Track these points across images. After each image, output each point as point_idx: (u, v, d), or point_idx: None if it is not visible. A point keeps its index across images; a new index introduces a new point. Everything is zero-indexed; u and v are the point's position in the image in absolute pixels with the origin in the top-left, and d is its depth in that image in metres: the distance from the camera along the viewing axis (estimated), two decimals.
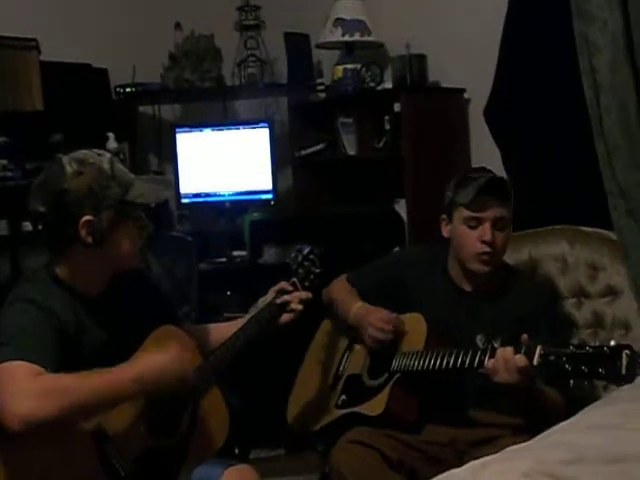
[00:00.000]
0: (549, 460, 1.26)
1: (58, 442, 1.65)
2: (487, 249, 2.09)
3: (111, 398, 1.67)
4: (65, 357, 1.69)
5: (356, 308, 2.23)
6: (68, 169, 1.73)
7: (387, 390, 2.07)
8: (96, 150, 1.81)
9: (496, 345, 1.91)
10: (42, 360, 1.64)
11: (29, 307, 1.71)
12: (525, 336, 1.83)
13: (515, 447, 1.44)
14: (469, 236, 2.11)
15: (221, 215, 3.68)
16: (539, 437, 1.50)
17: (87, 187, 1.72)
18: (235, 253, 3.53)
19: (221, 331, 2.06)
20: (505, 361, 1.82)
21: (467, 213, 2.10)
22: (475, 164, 3.36)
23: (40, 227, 1.79)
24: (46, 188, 1.75)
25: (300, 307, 2.02)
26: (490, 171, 2.21)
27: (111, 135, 3.51)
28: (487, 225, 2.08)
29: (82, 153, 1.78)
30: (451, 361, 1.96)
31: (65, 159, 1.76)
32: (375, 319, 2.15)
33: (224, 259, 3.50)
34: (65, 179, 1.73)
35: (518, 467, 1.23)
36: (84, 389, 1.62)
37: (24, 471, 1.65)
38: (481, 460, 1.34)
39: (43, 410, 1.56)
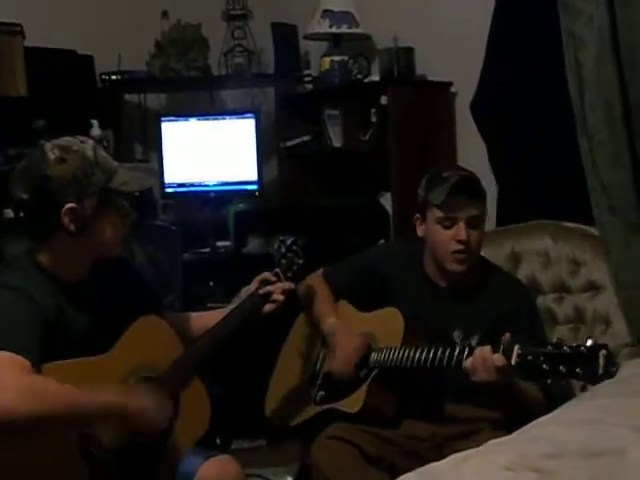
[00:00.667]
0: (530, 454, 1.27)
1: (41, 440, 1.63)
2: (462, 247, 2.09)
3: (87, 418, 1.67)
4: (47, 344, 1.68)
5: (328, 325, 2.21)
6: (51, 156, 1.72)
7: (365, 386, 2.07)
8: (79, 137, 1.80)
9: (473, 342, 1.92)
10: (24, 350, 1.63)
11: (12, 295, 1.70)
12: (507, 335, 1.83)
13: (496, 441, 1.45)
14: (443, 236, 2.10)
15: (206, 205, 3.66)
16: (520, 431, 1.50)
17: (70, 174, 1.71)
18: (219, 243, 3.51)
19: (203, 320, 2.06)
20: (483, 360, 1.82)
21: (440, 214, 2.10)
22: (461, 158, 3.37)
23: (22, 214, 1.77)
24: (28, 175, 1.74)
25: (282, 298, 2.02)
26: (463, 168, 2.21)
27: (95, 122, 3.48)
28: (461, 225, 2.08)
29: (65, 140, 1.77)
30: (429, 357, 1.96)
31: (48, 146, 1.75)
32: (340, 356, 2.13)
33: (208, 249, 3.48)
34: (48, 166, 1.71)
35: (499, 460, 1.24)
36: (65, 400, 1.62)
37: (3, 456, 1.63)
38: (462, 453, 1.34)
39: (21, 408, 1.55)
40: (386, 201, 3.37)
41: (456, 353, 1.91)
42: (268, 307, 2.03)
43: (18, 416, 1.55)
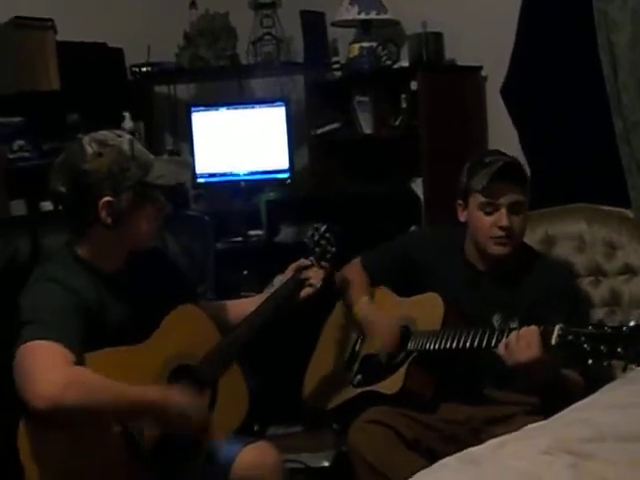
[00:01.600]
0: (568, 438, 1.27)
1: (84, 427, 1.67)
2: (503, 234, 2.08)
3: (127, 411, 1.69)
4: (88, 334, 1.71)
5: (360, 304, 2.23)
6: (88, 150, 1.74)
7: (404, 369, 2.08)
8: (116, 131, 1.82)
9: (513, 325, 1.91)
10: (69, 341, 1.66)
11: (54, 286, 1.73)
12: (552, 321, 1.81)
13: (533, 425, 1.45)
14: (485, 221, 2.09)
15: (237, 195, 3.68)
16: (557, 416, 1.50)
17: (107, 168, 1.73)
18: (251, 232, 3.53)
19: (239, 308, 2.08)
20: (524, 336, 1.81)
21: (482, 199, 2.08)
22: (492, 142, 3.35)
23: (60, 207, 1.80)
24: (66, 168, 1.76)
25: (319, 284, 2.02)
26: (504, 154, 2.18)
27: (127, 115, 3.52)
28: (503, 211, 2.06)
29: (102, 134, 1.79)
30: (468, 341, 1.96)
31: (85, 139, 1.77)
32: (378, 338, 2.15)
33: (240, 238, 3.51)
34: (85, 160, 1.74)
35: (537, 445, 1.24)
36: (108, 394, 1.65)
37: (50, 445, 1.67)
38: (500, 438, 1.35)
39: (67, 399, 1.58)
40: (417, 187, 3.36)
41: (495, 335, 1.90)
42: (304, 292, 2.03)
43: (63, 406, 1.58)
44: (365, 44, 3.51)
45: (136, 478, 1.74)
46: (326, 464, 2.89)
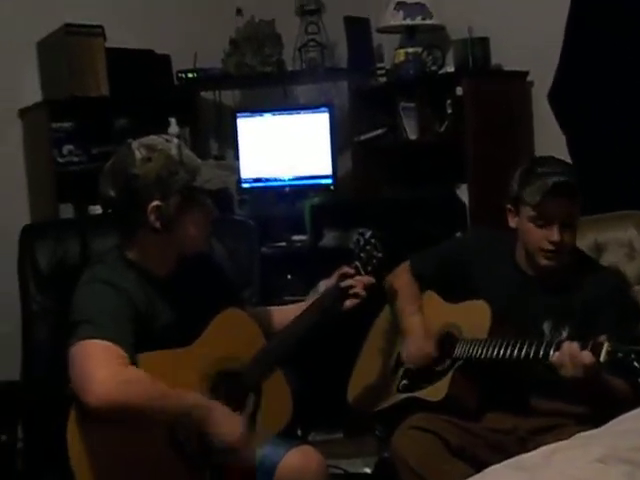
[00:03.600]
0: (622, 446, 1.24)
1: (133, 425, 1.70)
2: (553, 248, 2.04)
3: (173, 413, 1.70)
4: (137, 335, 1.74)
5: (408, 322, 2.22)
6: (137, 155, 1.77)
7: (449, 376, 2.06)
8: (164, 135, 1.85)
9: (563, 335, 1.87)
10: (122, 341, 1.69)
11: (106, 288, 1.76)
12: (602, 337, 1.79)
13: (585, 434, 1.42)
14: (536, 234, 2.05)
15: (281, 199, 3.70)
16: (609, 425, 1.47)
17: (156, 173, 1.75)
18: (295, 237, 3.55)
19: (284, 314, 2.08)
20: (571, 357, 1.79)
21: (533, 213, 2.04)
22: (538, 148, 3.31)
23: (110, 211, 1.83)
24: (116, 173, 1.79)
25: (364, 293, 2.00)
26: (558, 162, 2.13)
27: (173, 120, 3.56)
28: (555, 227, 2.02)
29: (151, 139, 1.81)
30: (515, 351, 1.93)
31: (135, 144, 1.79)
32: (413, 353, 2.16)
33: (284, 243, 3.52)
34: (135, 165, 1.76)
35: (591, 453, 1.22)
36: (156, 393, 1.67)
37: (97, 441, 1.70)
38: (551, 446, 1.33)
39: (120, 398, 1.62)
40: (462, 193, 3.34)
41: (543, 348, 1.88)
42: (349, 303, 2.00)
43: (115, 404, 1.61)
44: (410, 50, 3.51)
45: (178, 479, 1.75)
46: (367, 471, 2.89)
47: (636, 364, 1.66)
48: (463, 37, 3.33)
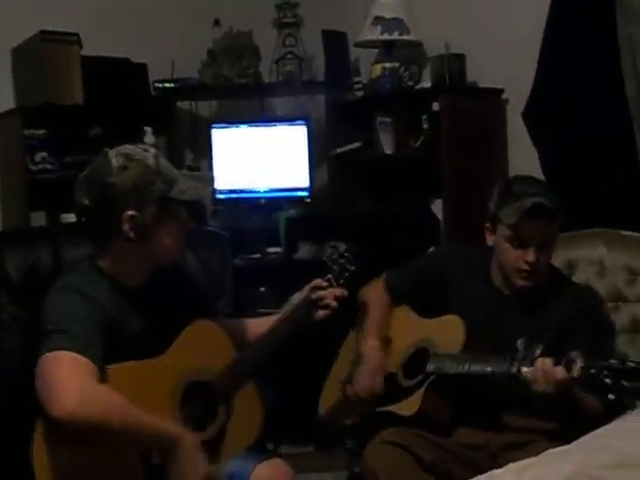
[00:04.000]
0: (592, 464, 1.25)
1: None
2: (528, 268, 2.05)
3: (139, 437, 1.68)
4: (106, 346, 1.72)
5: (366, 349, 2.20)
6: (114, 163, 1.75)
7: (421, 391, 2.06)
8: (141, 145, 1.83)
9: (537, 351, 1.88)
10: (91, 352, 1.67)
11: (77, 297, 1.74)
12: (575, 353, 1.80)
13: (555, 450, 1.43)
14: (512, 254, 2.06)
15: (256, 211, 3.69)
16: (579, 441, 1.48)
17: (132, 182, 1.74)
18: (270, 249, 3.54)
19: (256, 326, 2.07)
20: (544, 372, 1.80)
21: (510, 233, 2.04)
22: (513, 165, 3.34)
23: (84, 219, 1.81)
24: (92, 181, 1.77)
25: (335, 304, 2.01)
26: (536, 182, 2.15)
27: (148, 129, 3.54)
28: (531, 248, 2.03)
29: (128, 148, 1.80)
30: (487, 367, 1.94)
31: (112, 153, 1.78)
32: (362, 385, 2.14)
33: (258, 255, 3.51)
34: (111, 173, 1.74)
35: (560, 470, 1.22)
36: (122, 416, 1.64)
37: (62, 454, 1.68)
38: (522, 462, 1.33)
39: (82, 413, 1.59)
40: (437, 208, 3.36)
41: (516, 363, 1.88)
42: (320, 313, 2.01)
43: (78, 419, 1.59)
44: (387, 64, 3.53)
45: None
46: None
47: (607, 380, 1.67)
48: (440, 53, 3.35)
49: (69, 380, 1.60)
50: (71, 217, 3.09)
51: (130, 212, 1.74)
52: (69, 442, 1.66)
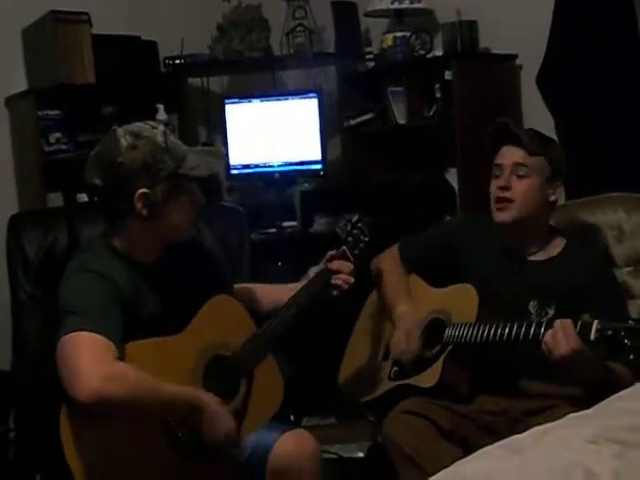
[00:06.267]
0: (614, 426, 1.25)
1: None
2: (501, 194, 2.07)
3: (163, 407, 1.70)
4: (125, 324, 1.73)
5: (399, 312, 2.20)
6: (123, 142, 1.75)
7: (440, 362, 2.06)
8: (150, 122, 1.82)
9: (550, 313, 1.88)
10: (111, 332, 1.67)
11: (93, 277, 1.74)
12: (590, 316, 1.80)
13: (577, 414, 1.43)
14: (493, 186, 2.11)
15: (270, 186, 3.69)
16: (601, 404, 1.48)
17: (142, 160, 1.74)
18: (285, 224, 3.54)
19: (273, 293, 2.08)
20: (565, 329, 1.79)
21: (493, 164, 2.13)
22: None
23: (96, 199, 1.81)
24: (102, 161, 1.77)
25: (351, 280, 2.00)
26: (539, 131, 2.20)
27: (160, 107, 3.54)
28: (506, 172, 2.08)
29: (136, 126, 1.79)
30: (505, 333, 1.94)
31: (120, 132, 1.77)
32: (401, 349, 2.14)
33: (274, 229, 3.52)
34: (120, 152, 1.74)
35: (582, 433, 1.22)
36: (145, 391, 1.66)
37: (89, 431, 1.69)
38: (543, 427, 1.33)
39: (106, 394, 1.60)
40: (452, 177, 3.35)
41: (533, 328, 1.88)
42: (337, 291, 2.00)
43: (102, 400, 1.59)
44: (398, 34, 3.50)
45: (173, 467, 1.75)
46: (360, 455, 2.90)
47: (627, 341, 1.66)
48: (451, 20, 3.32)
49: (89, 362, 1.61)
50: (86, 197, 3.14)
51: (142, 190, 1.74)
52: (95, 423, 1.67)
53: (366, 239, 2.07)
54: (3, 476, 2.05)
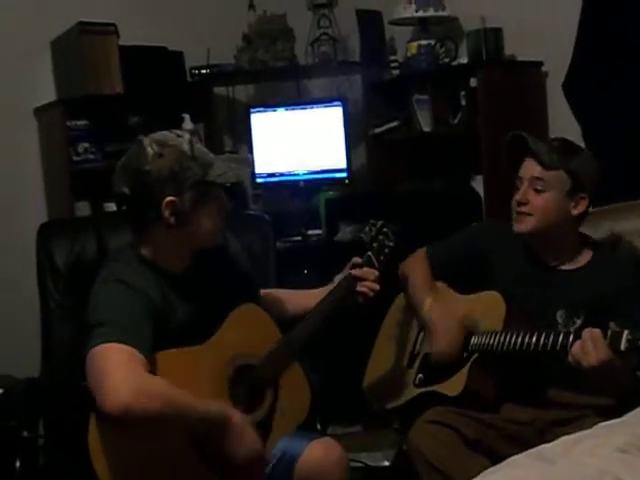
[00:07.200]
0: None
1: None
2: (517, 208, 2.07)
3: (193, 422, 1.69)
4: (154, 334, 1.73)
5: (426, 308, 2.19)
6: (149, 151, 1.76)
7: (466, 370, 2.05)
8: (176, 131, 1.83)
9: (578, 322, 1.86)
10: (140, 343, 1.67)
11: (122, 287, 1.75)
12: (612, 323, 1.78)
13: (606, 423, 1.41)
14: (513, 199, 2.12)
15: (296, 194, 3.70)
16: (631, 413, 1.46)
17: (168, 168, 1.75)
18: (310, 232, 3.55)
19: (299, 299, 2.08)
20: (594, 339, 1.78)
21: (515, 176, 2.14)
22: None
23: (124, 208, 1.82)
24: (129, 170, 1.78)
25: (377, 287, 1.99)
26: (565, 140, 2.18)
27: (187, 116, 3.57)
28: (525, 185, 2.08)
29: (162, 134, 1.80)
30: (532, 342, 1.92)
31: (146, 141, 1.78)
32: (440, 341, 2.12)
33: (299, 238, 3.52)
34: (147, 161, 1.75)
35: (613, 442, 1.21)
36: (175, 405, 1.65)
37: (117, 443, 1.69)
38: (572, 436, 1.32)
39: (136, 407, 1.58)
40: (478, 184, 3.33)
41: (561, 338, 1.87)
42: (362, 298, 1.99)
43: (132, 413, 1.58)
44: (423, 42, 3.50)
45: (201, 478, 1.75)
46: (386, 463, 2.89)
47: None
48: (476, 28, 3.31)
49: (118, 374, 1.60)
50: (114, 206, 3.16)
51: (169, 198, 1.75)
52: (123, 433, 1.67)
53: (391, 244, 2.06)
54: None
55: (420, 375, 2.19)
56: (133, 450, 1.69)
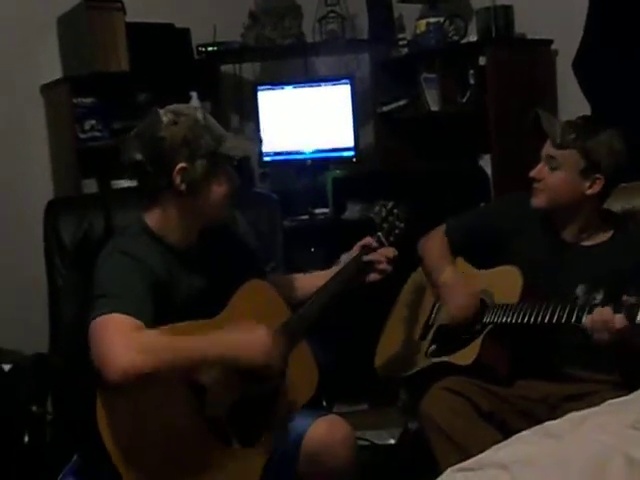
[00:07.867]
0: None
1: (156, 394, 1.68)
2: (534, 184, 2.09)
3: (197, 362, 1.70)
4: (157, 308, 1.73)
5: (445, 276, 2.19)
6: (164, 119, 1.78)
7: (479, 341, 2.05)
8: (188, 104, 1.84)
9: (598, 297, 1.85)
10: (140, 313, 1.67)
11: (124, 259, 1.75)
12: (626, 296, 1.78)
13: (617, 400, 1.41)
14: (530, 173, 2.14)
15: (303, 173, 3.69)
16: None
17: (182, 135, 1.76)
18: (317, 210, 3.54)
19: (307, 282, 2.08)
20: (603, 321, 1.78)
21: None
22: (563, 117, 3.26)
23: (135, 174, 1.83)
24: (143, 137, 1.79)
25: (389, 267, 1.99)
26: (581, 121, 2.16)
27: (194, 94, 3.55)
28: (541, 162, 2.10)
29: (177, 106, 1.83)
30: (547, 316, 1.92)
31: (161, 111, 1.80)
32: (460, 305, 2.13)
33: (307, 216, 3.52)
34: (161, 128, 1.76)
35: (623, 419, 1.20)
36: (179, 350, 1.66)
37: (123, 419, 1.69)
38: (580, 412, 1.31)
39: (143, 364, 1.59)
40: (486, 163, 3.32)
41: (575, 312, 1.87)
42: (373, 276, 2.00)
43: (139, 373, 1.59)
44: (432, 19, 3.47)
45: (210, 449, 1.75)
46: (392, 442, 2.90)
47: None
48: (486, 5, 3.28)
49: (119, 342, 1.60)
50: (121, 183, 3.17)
51: (181, 164, 1.76)
52: (130, 405, 1.67)
53: (401, 225, 2.07)
54: (41, 457, 2.08)
55: (433, 346, 2.20)
56: (141, 423, 1.69)
